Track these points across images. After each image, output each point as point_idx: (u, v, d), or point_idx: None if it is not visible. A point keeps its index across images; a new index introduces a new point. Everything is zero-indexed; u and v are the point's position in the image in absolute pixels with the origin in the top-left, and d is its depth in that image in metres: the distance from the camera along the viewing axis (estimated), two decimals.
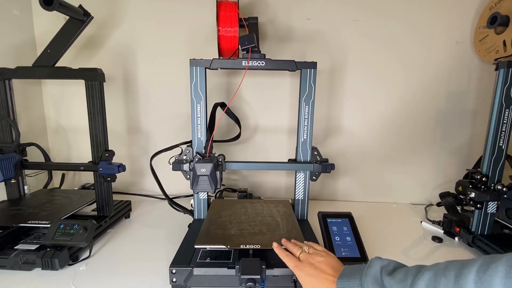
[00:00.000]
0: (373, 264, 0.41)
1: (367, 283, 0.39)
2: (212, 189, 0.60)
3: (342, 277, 0.43)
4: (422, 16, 0.88)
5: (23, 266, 0.56)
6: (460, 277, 0.31)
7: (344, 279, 0.42)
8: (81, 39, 0.83)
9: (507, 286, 0.28)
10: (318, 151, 0.73)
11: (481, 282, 0.29)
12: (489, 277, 0.29)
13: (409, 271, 0.37)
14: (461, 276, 0.31)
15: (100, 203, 0.74)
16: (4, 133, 0.74)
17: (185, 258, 0.54)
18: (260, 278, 0.48)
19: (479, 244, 0.67)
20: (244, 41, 0.64)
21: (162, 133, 0.98)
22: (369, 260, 0.43)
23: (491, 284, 0.29)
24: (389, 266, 0.40)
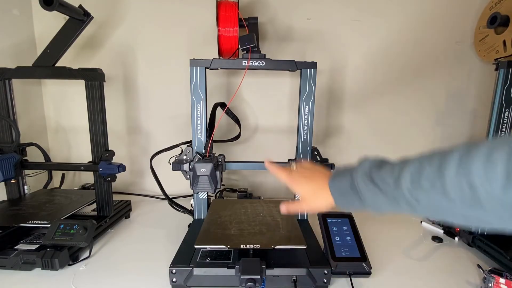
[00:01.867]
0: (363, 162, 0.43)
1: (357, 178, 0.41)
2: (212, 189, 0.60)
3: (334, 178, 0.45)
4: (422, 16, 0.88)
5: (23, 266, 0.56)
6: (443, 163, 0.31)
7: (335, 180, 0.44)
8: (81, 39, 0.83)
9: (487, 169, 0.28)
10: (318, 151, 0.73)
11: (463, 167, 0.30)
12: (470, 161, 0.29)
13: (396, 163, 0.39)
14: (444, 162, 0.31)
15: (100, 203, 0.74)
16: (4, 133, 0.74)
17: (185, 258, 0.54)
18: (260, 278, 0.48)
19: (479, 244, 0.67)
20: (244, 41, 0.64)
21: (162, 133, 0.98)
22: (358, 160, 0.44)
23: (471, 168, 0.29)
24: (377, 161, 0.42)
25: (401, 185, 0.35)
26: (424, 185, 0.33)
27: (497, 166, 0.27)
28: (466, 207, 0.30)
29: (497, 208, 0.28)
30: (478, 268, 0.59)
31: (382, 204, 0.38)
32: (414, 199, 0.34)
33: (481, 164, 0.28)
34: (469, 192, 0.29)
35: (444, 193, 0.31)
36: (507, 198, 0.27)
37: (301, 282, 0.52)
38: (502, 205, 0.28)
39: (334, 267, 0.54)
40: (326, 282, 0.52)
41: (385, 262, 0.62)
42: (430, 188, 0.32)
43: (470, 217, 0.32)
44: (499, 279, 0.51)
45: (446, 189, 0.31)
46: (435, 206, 0.33)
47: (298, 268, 0.52)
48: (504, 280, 0.51)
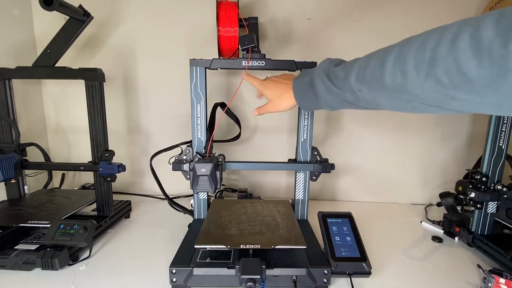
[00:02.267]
0: (323, 62, 0.48)
1: (315, 75, 0.46)
2: (212, 189, 0.60)
3: (297, 78, 0.50)
4: (421, 16, 0.87)
5: (23, 266, 0.56)
6: (385, 55, 0.36)
7: (298, 79, 0.50)
8: (81, 39, 0.83)
9: (418, 57, 0.32)
10: (318, 151, 0.73)
11: (400, 57, 0.34)
12: (407, 50, 0.33)
13: (350, 61, 0.43)
14: (386, 54, 0.36)
15: (100, 203, 0.74)
16: (4, 133, 0.74)
17: (185, 258, 0.54)
18: (260, 278, 0.48)
19: (479, 244, 0.67)
20: (244, 41, 0.64)
21: (162, 133, 0.98)
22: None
23: (406, 57, 0.33)
24: (336, 61, 0.46)
25: (349, 77, 0.41)
26: (367, 75, 0.38)
27: (425, 53, 0.31)
28: (397, 93, 0.35)
29: (419, 93, 0.33)
30: (478, 268, 0.59)
31: (333, 98, 0.44)
32: (357, 89, 0.40)
33: (414, 53, 0.32)
34: (401, 79, 0.34)
35: (382, 81, 0.36)
36: (426, 84, 0.32)
37: (301, 282, 0.52)
38: (422, 91, 0.33)
39: (334, 267, 0.54)
40: (326, 282, 0.52)
41: (385, 262, 0.63)
42: (372, 78, 0.37)
43: (399, 101, 0.37)
44: (499, 279, 0.51)
45: (384, 78, 0.35)
46: (373, 94, 0.38)
47: (298, 268, 0.52)
48: (504, 280, 0.51)
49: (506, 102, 0.28)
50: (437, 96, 0.32)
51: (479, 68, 0.27)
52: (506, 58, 0.25)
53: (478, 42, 0.27)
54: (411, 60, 0.32)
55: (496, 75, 0.26)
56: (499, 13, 0.26)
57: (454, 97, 0.31)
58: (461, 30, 0.29)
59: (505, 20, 0.26)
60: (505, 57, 0.25)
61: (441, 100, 0.33)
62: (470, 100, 0.30)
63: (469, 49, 0.28)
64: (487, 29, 0.27)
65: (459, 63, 0.28)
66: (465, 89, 0.29)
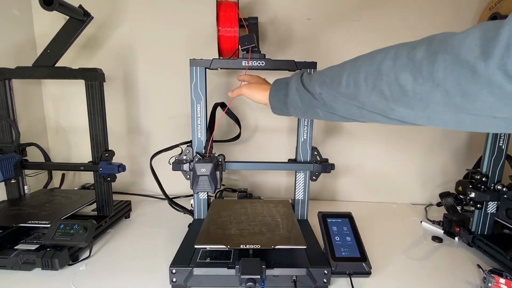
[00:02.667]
0: (300, 70, 0.52)
1: (293, 76, 0.50)
2: (212, 189, 0.60)
3: (277, 80, 0.55)
4: (421, 16, 0.88)
5: (23, 266, 0.56)
6: (344, 65, 0.41)
7: (280, 78, 0.54)
8: (81, 39, 0.83)
9: (367, 69, 0.36)
10: (318, 151, 0.73)
11: (353, 67, 0.39)
12: (360, 62, 0.38)
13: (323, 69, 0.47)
14: (344, 64, 0.41)
15: (100, 203, 0.74)
16: (4, 133, 0.74)
17: (185, 258, 0.54)
18: (260, 278, 0.48)
19: (479, 244, 0.67)
20: (244, 41, 0.64)
21: (162, 133, 0.98)
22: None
23: (360, 69, 0.37)
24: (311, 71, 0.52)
25: (314, 81, 0.45)
26: (327, 81, 0.43)
27: (373, 67, 0.35)
28: (350, 100, 0.40)
29: (366, 102, 0.38)
30: (478, 268, 0.59)
31: (299, 97, 0.48)
32: (318, 92, 0.44)
33: (365, 66, 0.37)
34: (353, 88, 0.38)
35: (338, 87, 0.40)
36: (373, 94, 0.36)
37: (301, 282, 0.52)
38: (369, 100, 0.37)
39: (334, 267, 0.54)
40: (326, 282, 0.52)
41: (385, 262, 0.63)
42: (330, 84, 0.42)
43: (351, 107, 0.41)
44: (499, 279, 0.51)
45: (340, 85, 0.40)
46: (330, 99, 0.43)
47: (298, 268, 0.52)
48: (504, 280, 0.51)
49: (436, 116, 0.31)
50: (380, 106, 0.36)
51: (414, 83, 0.31)
52: (433, 76, 0.29)
53: (412, 61, 0.31)
54: (362, 72, 0.37)
55: (426, 91, 0.30)
56: (431, 38, 0.31)
57: (393, 109, 0.35)
58: (401, 49, 0.33)
59: (434, 44, 0.30)
60: (432, 75, 0.29)
61: (383, 110, 0.36)
62: (405, 112, 0.34)
63: (406, 67, 0.31)
64: (419, 50, 0.31)
65: (398, 79, 0.32)
66: (403, 102, 0.33)
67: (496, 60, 0.24)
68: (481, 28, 0.26)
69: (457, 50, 0.27)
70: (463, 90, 0.27)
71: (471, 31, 0.27)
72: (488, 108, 0.27)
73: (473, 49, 0.26)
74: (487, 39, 0.25)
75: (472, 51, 0.26)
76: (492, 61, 0.24)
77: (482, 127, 0.30)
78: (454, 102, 0.28)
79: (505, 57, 0.23)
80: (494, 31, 0.25)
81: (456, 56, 0.27)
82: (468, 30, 0.27)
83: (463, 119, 0.30)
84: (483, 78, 0.25)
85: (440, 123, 0.32)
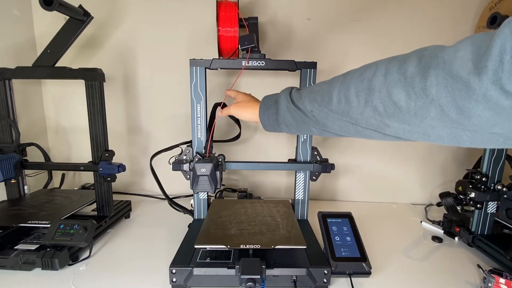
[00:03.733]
0: (288, 87, 0.51)
1: (282, 94, 0.50)
2: (212, 189, 0.60)
3: (267, 95, 0.54)
4: (421, 16, 0.88)
5: (23, 266, 0.56)
6: (333, 81, 0.41)
7: (268, 96, 0.53)
8: (81, 39, 0.83)
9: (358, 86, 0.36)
10: (318, 151, 0.73)
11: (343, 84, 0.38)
12: (349, 78, 0.38)
13: (310, 86, 0.47)
14: (333, 81, 0.40)
15: (100, 203, 0.74)
16: (4, 133, 0.74)
17: (185, 258, 0.54)
18: (260, 278, 0.48)
19: (479, 244, 0.67)
20: (244, 41, 0.64)
21: (162, 133, 0.98)
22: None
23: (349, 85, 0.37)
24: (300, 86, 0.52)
25: (304, 99, 0.45)
26: (317, 98, 0.42)
27: (364, 83, 0.35)
28: (342, 116, 0.39)
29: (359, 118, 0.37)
30: (478, 268, 0.59)
31: (290, 115, 0.47)
32: (309, 110, 0.44)
33: (355, 82, 0.37)
34: (345, 104, 0.38)
35: (329, 104, 0.40)
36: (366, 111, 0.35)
37: (301, 282, 0.52)
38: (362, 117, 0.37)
39: (334, 267, 0.54)
40: (326, 282, 0.52)
41: (385, 262, 0.63)
42: (321, 101, 0.41)
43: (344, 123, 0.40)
44: (499, 279, 0.51)
45: (331, 102, 0.39)
46: (322, 116, 0.42)
47: (298, 268, 0.52)
48: (504, 280, 0.51)
49: (432, 132, 0.31)
50: (374, 122, 0.36)
51: (407, 99, 0.30)
52: (426, 92, 0.28)
53: (404, 77, 0.30)
54: (352, 88, 0.36)
55: (420, 107, 0.29)
56: (421, 52, 0.30)
57: (388, 125, 0.34)
58: (392, 64, 0.32)
59: (425, 59, 0.29)
60: (425, 90, 0.28)
61: (378, 126, 0.36)
62: (401, 128, 0.33)
63: (398, 82, 0.31)
64: (410, 65, 0.30)
65: (391, 94, 0.31)
66: (397, 118, 0.32)
67: (490, 75, 0.23)
68: (472, 42, 0.26)
69: (449, 65, 0.26)
70: (458, 106, 0.26)
71: (462, 45, 0.26)
72: (485, 124, 0.26)
73: (466, 64, 0.25)
74: (479, 53, 0.24)
75: (465, 66, 0.25)
76: (486, 76, 0.23)
77: (480, 143, 0.29)
78: (450, 117, 0.28)
79: (499, 72, 0.23)
80: (485, 44, 0.24)
81: (449, 71, 0.26)
82: (459, 44, 0.27)
83: (460, 134, 0.29)
84: (478, 94, 0.24)
85: (436, 139, 0.32)
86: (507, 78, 0.22)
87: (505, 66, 0.22)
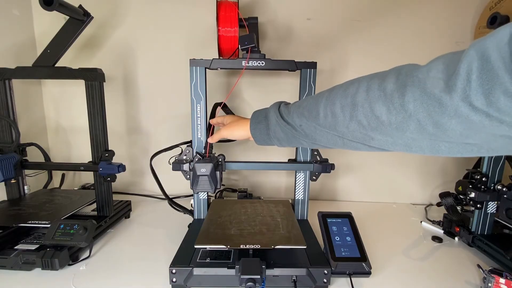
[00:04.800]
0: (277, 102, 0.52)
1: (271, 109, 0.50)
2: (212, 189, 0.60)
3: (256, 110, 0.55)
4: (422, 16, 0.88)
5: (23, 266, 0.56)
6: (319, 97, 0.42)
7: (257, 111, 0.54)
8: (81, 39, 0.83)
9: (342, 101, 0.37)
10: (318, 151, 0.73)
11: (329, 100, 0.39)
12: (334, 94, 0.39)
13: (298, 101, 0.48)
14: (319, 96, 0.42)
15: (100, 203, 0.74)
16: (4, 133, 0.74)
17: (185, 258, 0.54)
18: (260, 278, 0.48)
19: (479, 244, 0.67)
20: (244, 41, 0.64)
21: (162, 133, 0.98)
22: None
23: (335, 100, 0.38)
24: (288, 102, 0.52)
25: (293, 113, 0.46)
26: (305, 113, 0.43)
27: (348, 99, 0.36)
28: (329, 130, 0.40)
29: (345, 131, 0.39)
30: (478, 268, 0.59)
31: (280, 129, 0.48)
32: (298, 124, 0.45)
33: (339, 97, 0.38)
34: (331, 118, 0.39)
35: (317, 119, 0.41)
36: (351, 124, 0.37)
37: (301, 282, 0.52)
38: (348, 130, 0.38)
39: (334, 267, 0.54)
40: (326, 282, 0.52)
41: (385, 262, 0.63)
42: (309, 116, 0.42)
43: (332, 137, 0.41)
44: (499, 279, 0.51)
45: (318, 116, 0.41)
46: (310, 130, 0.43)
47: (298, 268, 0.52)
48: (504, 280, 0.51)
49: (413, 143, 0.33)
50: (359, 135, 0.37)
51: (388, 114, 0.32)
52: (404, 107, 0.30)
53: (384, 93, 0.32)
54: (338, 104, 0.38)
55: (400, 121, 0.31)
56: (398, 71, 0.32)
57: (372, 137, 0.36)
58: (373, 81, 0.34)
59: (402, 77, 0.31)
60: (403, 106, 0.30)
61: (363, 139, 0.37)
62: (384, 140, 0.35)
63: (379, 98, 0.33)
64: (389, 82, 0.32)
65: (373, 109, 0.33)
66: (380, 131, 0.34)
67: (460, 93, 0.25)
68: (443, 61, 0.28)
69: (423, 84, 0.29)
70: (433, 121, 0.28)
71: (434, 65, 0.28)
72: (459, 136, 0.28)
73: (438, 83, 0.27)
74: (448, 72, 0.26)
75: (437, 85, 0.27)
76: (455, 94, 0.25)
77: (457, 153, 0.31)
78: (428, 131, 0.30)
79: (467, 90, 0.25)
80: (455, 64, 0.26)
81: (423, 89, 0.29)
82: (431, 63, 0.29)
83: (438, 146, 0.31)
84: (450, 110, 0.27)
85: (418, 150, 0.33)
86: (475, 95, 0.24)
87: (472, 84, 0.24)
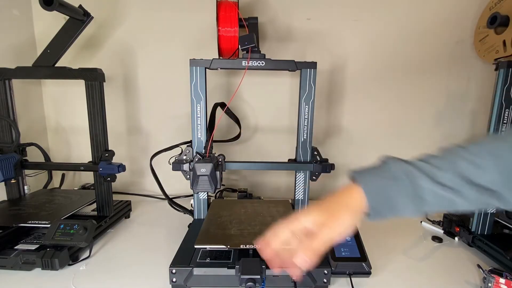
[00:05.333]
0: (401, 158, 0.42)
1: (412, 165, 0.40)
2: (212, 189, 0.60)
3: (364, 172, 0.42)
4: (422, 16, 0.88)
5: (23, 266, 0.56)
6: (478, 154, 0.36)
7: (367, 173, 0.42)
8: (81, 39, 0.83)
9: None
10: (318, 151, 0.73)
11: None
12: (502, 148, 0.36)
13: (441, 155, 0.41)
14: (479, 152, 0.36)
15: (100, 203, 0.74)
16: (4, 133, 0.74)
17: (185, 258, 0.54)
18: (260, 278, 0.48)
19: (479, 244, 0.67)
20: (244, 41, 0.64)
21: (162, 133, 0.98)
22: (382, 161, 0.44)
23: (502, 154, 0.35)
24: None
25: (455, 173, 0.37)
26: (465, 173, 0.36)
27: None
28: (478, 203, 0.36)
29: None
30: (478, 268, 0.59)
31: (436, 199, 0.37)
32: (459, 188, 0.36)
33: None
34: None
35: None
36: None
37: (301, 282, 0.52)
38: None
39: (334, 267, 0.54)
40: (326, 282, 0.52)
41: (385, 262, 0.63)
42: (469, 175, 0.36)
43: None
44: (499, 279, 0.51)
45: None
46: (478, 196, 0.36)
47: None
48: (504, 280, 0.51)
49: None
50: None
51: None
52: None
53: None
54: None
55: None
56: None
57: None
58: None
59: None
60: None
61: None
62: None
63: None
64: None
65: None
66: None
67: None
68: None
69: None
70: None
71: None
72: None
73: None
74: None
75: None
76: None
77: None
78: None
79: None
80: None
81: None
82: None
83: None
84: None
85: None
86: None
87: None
